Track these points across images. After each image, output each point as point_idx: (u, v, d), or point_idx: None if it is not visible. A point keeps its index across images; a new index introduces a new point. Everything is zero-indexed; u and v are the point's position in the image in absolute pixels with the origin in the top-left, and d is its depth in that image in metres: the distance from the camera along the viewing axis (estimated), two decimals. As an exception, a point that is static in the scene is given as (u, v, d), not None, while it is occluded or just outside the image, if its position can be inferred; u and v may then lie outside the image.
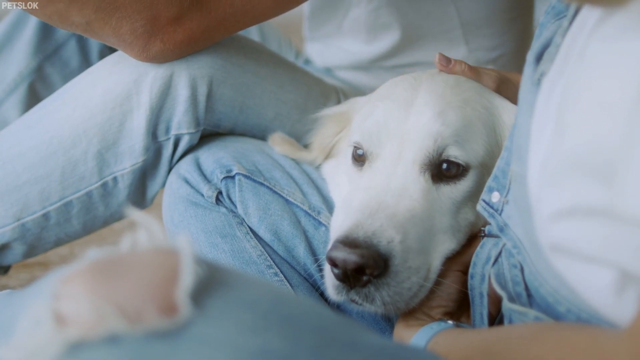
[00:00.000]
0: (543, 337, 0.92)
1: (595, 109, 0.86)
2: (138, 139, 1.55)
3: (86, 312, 0.70)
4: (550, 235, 0.94)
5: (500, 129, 1.36)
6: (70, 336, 0.69)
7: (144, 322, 0.69)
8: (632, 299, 0.84)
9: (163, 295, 0.71)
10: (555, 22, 1.13)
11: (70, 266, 0.75)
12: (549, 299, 1.00)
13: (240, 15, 1.54)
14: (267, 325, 0.74)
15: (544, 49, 1.12)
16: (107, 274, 0.72)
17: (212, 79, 1.58)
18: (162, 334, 0.69)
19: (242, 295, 0.76)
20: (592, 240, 0.85)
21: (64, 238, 1.66)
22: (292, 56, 2.46)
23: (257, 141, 1.67)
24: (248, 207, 1.48)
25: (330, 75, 2.21)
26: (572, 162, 0.87)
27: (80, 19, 1.43)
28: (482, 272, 1.20)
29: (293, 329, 0.75)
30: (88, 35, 1.51)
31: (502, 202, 1.18)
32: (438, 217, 1.30)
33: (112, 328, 0.69)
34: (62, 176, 1.56)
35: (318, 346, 0.75)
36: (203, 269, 0.75)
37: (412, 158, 1.31)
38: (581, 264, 0.89)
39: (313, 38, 2.27)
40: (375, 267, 1.19)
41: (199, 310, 0.72)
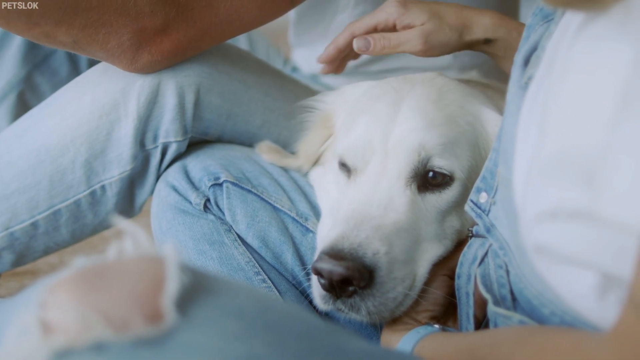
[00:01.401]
0: (527, 341, 0.93)
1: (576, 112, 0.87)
2: (126, 148, 1.55)
3: (72, 320, 0.70)
4: (534, 238, 0.94)
5: (483, 143, 1.36)
6: (56, 344, 0.69)
7: (129, 329, 0.70)
8: (615, 302, 0.84)
9: (148, 303, 0.72)
10: (543, 24, 1.13)
11: (57, 275, 0.75)
12: (533, 301, 1.01)
13: (225, 25, 1.55)
14: (252, 332, 0.74)
15: (532, 52, 1.12)
16: (93, 282, 0.73)
17: (199, 87, 1.59)
18: (147, 341, 0.70)
19: (227, 302, 0.76)
20: (574, 243, 0.85)
21: (53, 246, 1.66)
22: (280, 63, 2.46)
23: (245, 148, 1.67)
24: (236, 214, 1.48)
25: (316, 82, 2.21)
26: (554, 165, 0.88)
27: (67, 38, 1.44)
28: (469, 272, 1.21)
29: (278, 335, 0.76)
30: (77, 52, 1.52)
31: (490, 203, 1.19)
32: (424, 227, 1.31)
33: (98, 336, 0.69)
34: (51, 185, 1.56)
35: (303, 352, 0.75)
36: (188, 276, 0.75)
37: (397, 173, 1.32)
38: (564, 267, 0.90)
39: (299, 44, 2.28)
40: (360, 279, 1.20)
41: (184, 317, 0.72)
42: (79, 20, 1.42)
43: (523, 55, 1.14)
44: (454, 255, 1.33)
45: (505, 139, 1.11)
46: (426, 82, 1.43)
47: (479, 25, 1.54)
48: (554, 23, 1.08)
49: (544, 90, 0.98)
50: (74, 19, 1.41)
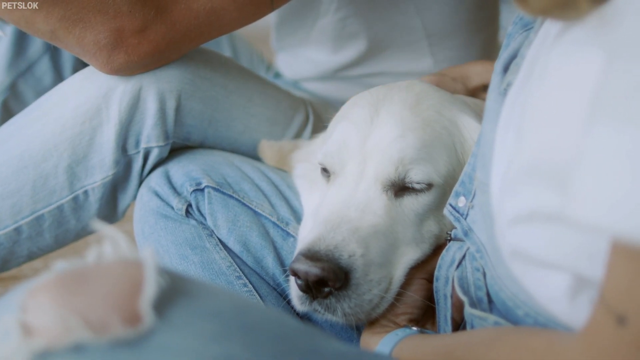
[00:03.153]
0: (501, 341, 0.94)
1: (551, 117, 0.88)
2: (108, 153, 1.56)
3: (52, 322, 0.71)
4: (509, 241, 0.95)
5: (461, 147, 1.37)
6: (36, 346, 0.70)
7: (108, 331, 0.71)
8: (586, 303, 0.86)
9: (126, 305, 0.73)
10: (523, 33, 1.14)
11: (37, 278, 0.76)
12: (508, 303, 1.02)
13: (205, 27, 1.56)
14: (229, 333, 0.75)
15: (511, 59, 1.14)
16: (73, 285, 0.74)
17: (180, 92, 1.59)
18: (126, 343, 0.71)
19: (204, 304, 0.78)
20: (547, 246, 0.86)
21: (37, 252, 1.66)
22: (264, 69, 2.47)
23: (227, 154, 1.68)
24: (217, 219, 1.50)
25: (297, 87, 2.23)
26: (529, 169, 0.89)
27: (45, 26, 1.44)
28: (447, 275, 1.22)
29: (255, 337, 0.77)
30: (55, 43, 1.51)
31: (468, 207, 1.20)
32: (401, 230, 1.32)
33: (77, 338, 0.70)
34: (34, 190, 1.57)
35: (279, 354, 0.76)
36: (166, 279, 0.76)
37: (374, 177, 1.33)
38: (537, 269, 0.91)
39: (280, 48, 2.29)
40: (335, 279, 1.21)
41: (161, 319, 0.73)
42: (58, 10, 1.43)
43: (503, 62, 1.16)
44: (432, 259, 1.33)
45: (483, 144, 1.12)
46: (404, 89, 1.43)
47: (474, 73, 1.64)
48: (533, 31, 1.10)
49: (523, 96, 1.00)
50: (52, 8, 1.42)
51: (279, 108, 1.73)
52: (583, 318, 0.84)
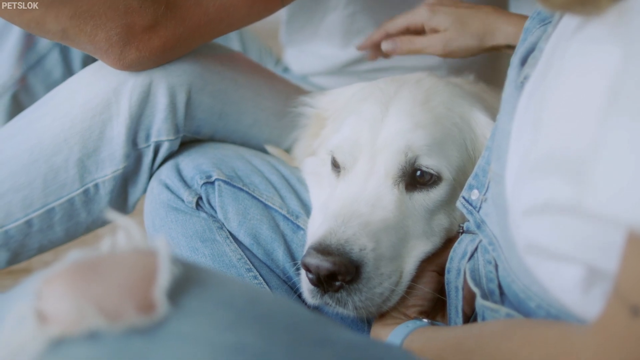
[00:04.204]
0: (514, 333, 0.95)
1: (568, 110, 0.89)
2: (118, 146, 1.57)
3: (67, 310, 0.72)
4: (522, 233, 0.96)
5: (471, 143, 1.38)
6: (51, 333, 0.71)
7: (122, 319, 0.72)
8: (599, 295, 0.86)
9: (141, 293, 0.73)
10: (541, 27, 1.15)
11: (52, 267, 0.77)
12: (520, 295, 1.03)
13: (215, 23, 1.56)
14: (242, 322, 0.76)
15: (529, 53, 1.14)
16: (87, 274, 0.74)
17: (190, 86, 1.59)
18: (140, 330, 0.71)
19: (217, 293, 0.78)
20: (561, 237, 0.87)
21: (47, 244, 1.66)
22: (272, 64, 2.47)
23: (237, 147, 1.68)
24: (228, 212, 1.50)
25: (306, 82, 2.23)
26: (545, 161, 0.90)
27: (56, 26, 1.45)
28: (458, 267, 1.23)
29: (267, 326, 0.77)
30: (66, 43, 1.52)
31: (481, 200, 1.20)
32: (411, 224, 1.33)
33: (92, 325, 0.71)
34: (44, 183, 1.57)
35: (291, 342, 0.77)
36: (179, 268, 0.77)
37: (385, 171, 1.34)
38: (551, 261, 0.91)
39: (289, 43, 2.29)
40: (346, 273, 1.23)
41: (175, 308, 0.74)
42: (68, 9, 1.43)
43: (520, 56, 1.16)
44: (442, 252, 1.34)
45: (499, 137, 1.13)
46: (414, 84, 1.44)
47: (502, 32, 1.59)
48: (551, 25, 1.10)
49: (540, 89, 1.00)
50: (63, 7, 1.42)
51: (288, 102, 1.73)
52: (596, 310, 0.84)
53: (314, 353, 0.77)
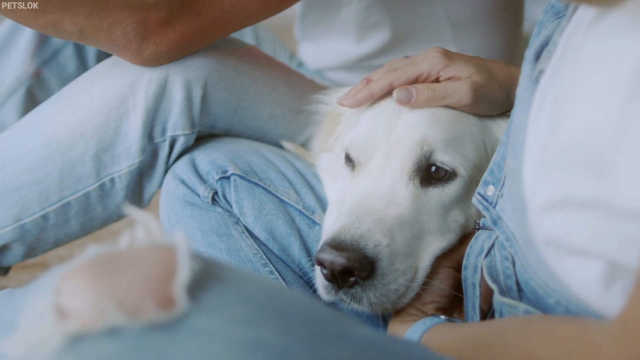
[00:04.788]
0: (533, 330, 0.94)
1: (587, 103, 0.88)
2: (134, 141, 1.57)
3: (86, 306, 0.71)
4: (542, 228, 0.95)
5: (489, 143, 1.37)
6: (71, 329, 0.70)
7: (142, 315, 0.71)
8: (620, 291, 0.85)
9: (160, 289, 0.73)
10: (554, 20, 1.14)
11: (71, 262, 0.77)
12: (539, 291, 1.02)
13: (230, 17, 1.56)
14: (262, 318, 0.75)
15: (543, 47, 1.13)
16: (107, 269, 0.74)
17: (206, 81, 1.60)
18: (159, 326, 0.71)
19: (237, 289, 0.78)
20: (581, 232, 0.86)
21: (63, 239, 1.67)
22: (286, 59, 2.47)
23: (252, 142, 1.68)
24: (243, 207, 1.50)
25: (321, 76, 2.22)
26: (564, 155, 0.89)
27: (73, 27, 1.45)
28: (475, 263, 1.22)
29: (287, 322, 0.77)
30: (83, 42, 1.53)
31: (497, 196, 1.20)
32: (427, 220, 1.32)
33: (111, 321, 0.71)
34: (61, 178, 1.57)
35: (311, 339, 0.76)
36: (199, 264, 0.77)
37: (400, 166, 1.33)
38: (571, 257, 0.90)
39: (304, 38, 2.28)
40: (361, 269, 1.22)
41: (195, 303, 0.73)
42: (84, 9, 1.43)
43: (534, 50, 1.15)
44: (458, 248, 1.34)
45: (515, 132, 1.12)
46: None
47: None
48: (565, 19, 1.09)
49: (556, 82, 0.99)
50: (78, 7, 1.43)
51: (303, 97, 1.73)
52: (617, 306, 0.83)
53: (333, 349, 0.77)
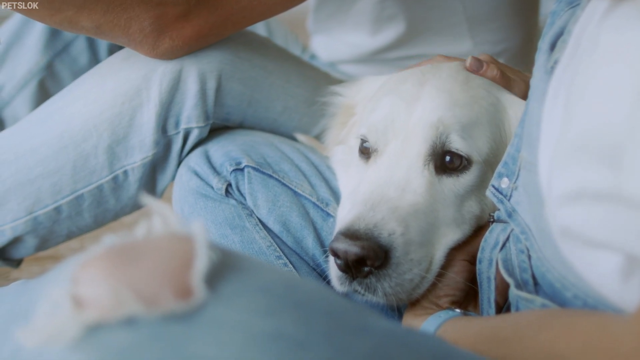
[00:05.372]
0: (551, 323, 0.93)
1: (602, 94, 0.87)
2: (148, 133, 1.57)
3: (104, 295, 0.71)
4: (558, 220, 0.94)
5: (506, 126, 1.36)
6: (88, 319, 0.70)
7: (160, 305, 0.71)
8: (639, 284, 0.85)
9: (178, 279, 0.73)
10: (568, 10, 1.13)
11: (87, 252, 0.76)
12: (556, 285, 1.01)
13: (247, 11, 1.56)
14: (281, 309, 0.75)
15: (558, 37, 1.12)
16: (124, 259, 0.74)
17: (220, 73, 1.59)
18: (177, 316, 0.71)
19: (255, 279, 0.77)
20: (598, 224, 0.85)
21: (76, 231, 1.67)
22: (299, 52, 2.47)
23: (266, 134, 1.68)
24: (257, 199, 1.49)
25: (334, 69, 2.22)
26: (579, 147, 0.88)
27: (89, 23, 1.45)
28: (490, 257, 1.21)
29: (306, 313, 0.76)
30: (99, 37, 1.53)
31: (511, 188, 1.19)
32: (441, 210, 1.31)
33: (129, 311, 0.70)
34: (74, 170, 1.57)
35: (330, 330, 0.76)
36: (217, 254, 0.76)
37: (416, 151, 1.32)
38: (588, 249, 0.90)
39: (317, 30, 2.28)
40: (375, 258, 1.21)
41: (213, 293, 0.73)
42: (101, 5, 1.43)
43: (549, 40, 1.14)
44: (473, 240, 1.33)
45: (529, 123, 1.11)
46: (453, 67, 1.43)
47: None
48: (580, 8, 1.08)
49: (570, 72, 0.99)
50: (95, 4, 1.43)
51: (317, 89, 1.73)
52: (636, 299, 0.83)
53: (352, 341, 0.76)
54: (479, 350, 1.01)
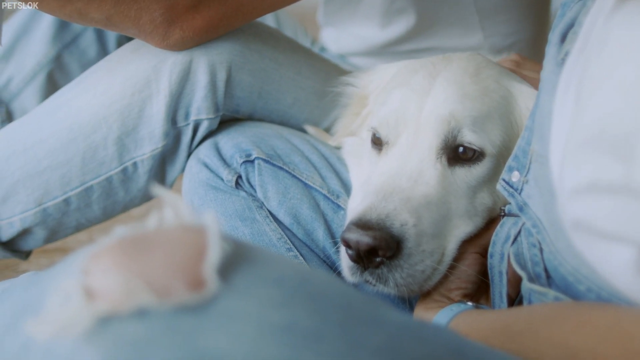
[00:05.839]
0: (564, 317, 0.92)
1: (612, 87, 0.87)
2: (157, 125, 1.56)
3: (116, 286, 0.70)
4: (570, 213, 0.94)
5: (518, 118, 1.36)
6: (99, 310, 0.69)
7: (172, 296, 0.70)
8: None
9: (191, 270, 0.72)
10: (579, 1, 1.12)
11: (98, 243, 0.75)
12: (569, 278, 1.00)
13: (257, 2, 1.55)
14: (294, 300, 0.74)
15: (568, 28, 1.12)
16: (136, 249, 0.73)
17: (230, 64, 1.59)
18: (190, 308, 0.70)
19: (268, 271, 0.76)
20: (610, 217, 0.85)
21: (85, 223, 1.67)
22: (308, 44, 2.46)
23: (276, 126, 1.67)
24: (267, 191, 1.49)
25: (344, 61, 2.21)
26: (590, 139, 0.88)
27: (99, 15, 1.45)
28: (502, 251, 1.21)
29: (319, 305, 0.76)
30: (108, 29, 1.53)
31: (522, 182, 1.18)
32: (454, 202, 1.31)
33: (141, 302, 0.69)
34: (83, 161, 1.57)
35: (344, 322, 0.75)
36: (229, 245, 0.75)
37: (428, 144, 1.32)
38: (601, 242, 0.89)
39: (327, 23, 2.28)
40: (387, 248, 1.21)
41: (226, 285, 0.72)
42: None
43: (559, 32, 1.14)
44: (485, 233, 1.33)
45: (540, 116, 1.10)
46: (464, 59, 1.42)
47: None
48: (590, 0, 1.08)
49: (581, 64, 0.98)
50: None
51: (327, 81, 1.72)
52: None
53: (366, 332, 0.76)
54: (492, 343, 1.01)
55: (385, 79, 1.52)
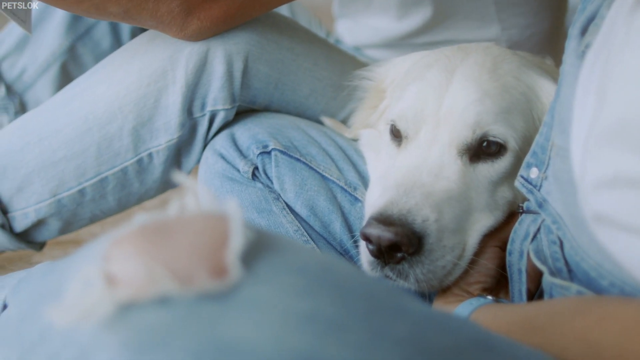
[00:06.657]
0: (587, 311, 0.91)
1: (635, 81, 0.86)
2: (173, 115, 1.55)
3: (137, 273, 0.69)
4: (592, 207, 0.93)
5: (538, 113, 1.35)
6: (121, 297, 0.68)
7: (194, 283, 0.69)
8: None
9: (213, 257, 0.71)
10: None
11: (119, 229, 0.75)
12: (591, 273, 0.99)
13: None
14: (318, 289, 0.73)
15: (589, 21, 1.11)
16: (158, 236, 0.72)
17: (247, 55, 1.58)
18: (212, 295, 0.69)
19: (291, 260, 0.76)
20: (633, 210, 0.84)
21: (99, 214, 1.67)
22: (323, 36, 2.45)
23: (293, 117, 1.66)
24: (284, 183, 1.48)
25: (359, 53, 2.21)
26: (611, 133, 0.87)
27: (117, 8, 1.44)
28: (521, 249, 1.20)
29: (342, 294, 0.75)
30: (126, 22, 1.52)
31: (541, 178, 1.17)
32: (475, 196, 1.30)
33: (163, 289, 0.68)
34: (98, 152, 1.56)
35: (368, 311, 0.74)
36: (252, 233, 0.75)
37: (449, 141, 1.31)
38: (624, 235, 0.88)
39: (342, 14, 2.27)
40: (409, 245, 1.20)
41: (249, 273, 0.71)
42: None
43: (580, 25, 1.13)
44: (505, 226, 1.32)
45: (561, 110, 1.09)
46: (481, 51, 1.41)
47: None
48: None
49: (603, 57, 0.97)
50: None
51: (344, 72, 1.71)
52: None
53: (390, 323, 0.75)
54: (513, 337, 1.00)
55: (400, 72, 1.51)
